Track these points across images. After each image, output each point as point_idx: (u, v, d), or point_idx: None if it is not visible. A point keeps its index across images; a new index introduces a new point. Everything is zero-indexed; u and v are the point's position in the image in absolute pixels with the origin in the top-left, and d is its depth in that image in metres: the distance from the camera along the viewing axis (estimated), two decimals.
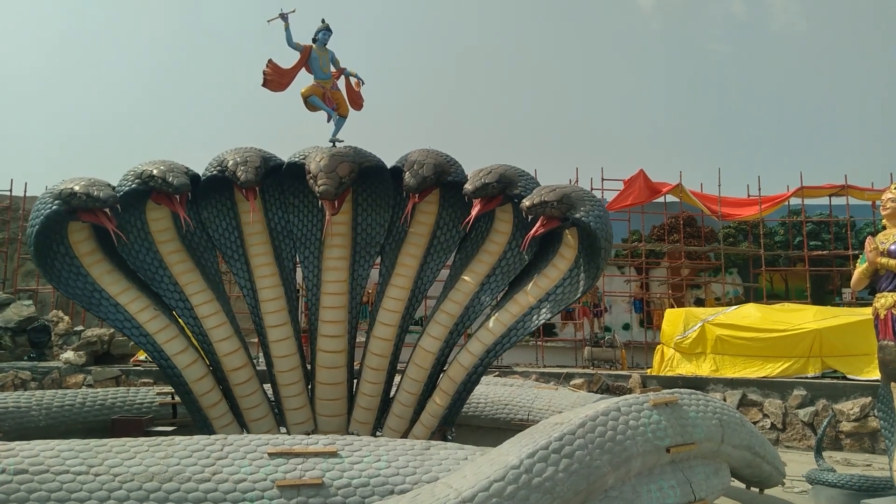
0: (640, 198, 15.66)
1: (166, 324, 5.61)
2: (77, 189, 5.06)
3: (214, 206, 5.96)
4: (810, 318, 10.35)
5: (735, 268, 18.02)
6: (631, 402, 3.69)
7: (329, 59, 6.17)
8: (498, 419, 7.09)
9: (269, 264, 5.89)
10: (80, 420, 6.40)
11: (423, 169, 5.37)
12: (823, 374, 9.74)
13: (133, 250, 5.74)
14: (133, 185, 5.37)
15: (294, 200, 5.99)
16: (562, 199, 5.04)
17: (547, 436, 3.28)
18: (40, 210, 5.18)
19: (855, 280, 5.05)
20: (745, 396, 9.60)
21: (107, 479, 3.13)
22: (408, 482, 3.29)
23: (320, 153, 5.37)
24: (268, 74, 6.03)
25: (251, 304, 5.92)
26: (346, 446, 3.48)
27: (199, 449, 3.36)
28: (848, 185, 15.87)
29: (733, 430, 4.24)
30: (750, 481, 5.12)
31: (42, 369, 10.90)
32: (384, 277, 5.95)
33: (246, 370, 5.85)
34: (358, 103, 6.46)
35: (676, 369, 11.05)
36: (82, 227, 5.49)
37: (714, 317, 11.12)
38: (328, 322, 5.81)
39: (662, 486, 3.58)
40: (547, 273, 5.49)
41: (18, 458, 3.17)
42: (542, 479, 3.06)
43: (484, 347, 5.55)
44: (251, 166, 5.36)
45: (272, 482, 3.19)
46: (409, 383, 5.85)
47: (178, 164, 5.45)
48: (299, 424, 5.88)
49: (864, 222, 17.18)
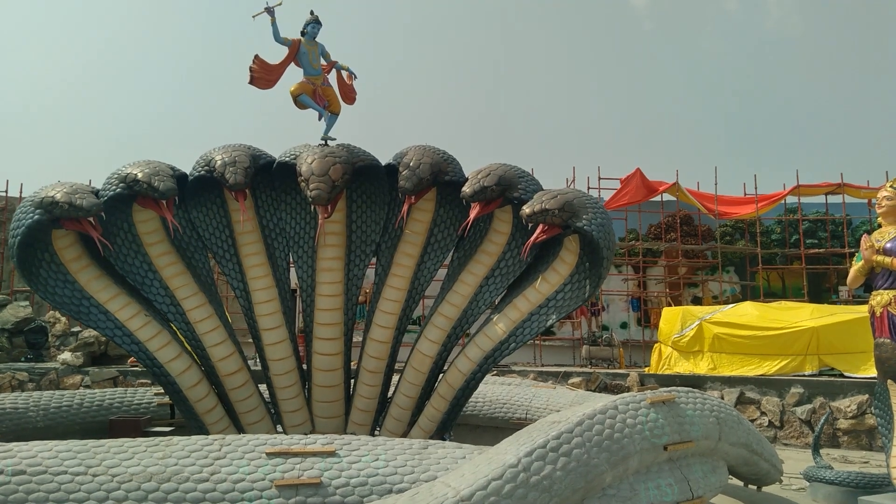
0: (636, 196, 15.68)
1: (158, 330, 5.43)
2: (58, 197, 4.85)
3: (203, 206, 5.72)
4: (807, 316, 10.38)
5: (732, 266, 18.06)
6: (628, 401, 3.70)
7: (319, 53, 5.87)
8: (496, 418, 7.09)
9: (262, 265, 5.71)
10: (77, 421, 6.37)
11: (420, 170, 5.18)
12: (821, 372, 9.78)
13: (121, 254, 5.52)
14: (117, 190, 5.14)
15: (286, 198, 5.79)
16: (563, 207, 4.85)
17: (545, 434, 3.28)
18: (21, 220, 4.96)
19: (851, 278, 5.07)
20: (742, 394, 9.63)
21: (105, 480, 3.12)
22: (406, 481, 3.29)
23: (311, 154, 5.15)
24: (255, 71, 5.71)
25: (245, 307, 5.78)
26: (344, 446, 3.48)
27: (198, 449, 3.35)
28: (844, 184, 15.93)
29: (731, 428, 4.25)
30: (748, 479, 5.13)
31: (39, 370, 10.87)
32: (380, 277, 5.81)
33: (241, 374, 5.73)
34: (350, 97, 6.17)
35: (674, 368, 11.07)
36: (67, 233, 5.26)
37: (711, 315, 11.14)
38: (323, 324, 5.69)
39: (660, 485, 3.59)
40: (547, 277, 5.33)
41: (16, 459, 3.16)
42: (541, 477, 3.07)
43: (483, 353, 5.43)
44: (240, 167, 5.13)
45: (270, 482, 3.19)
46: (407, 387, 5.76)
47: (163, 166, 5.22)
48: (296, 427, 5.81)
49: (861, 220, 17.23)
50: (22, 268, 5.20)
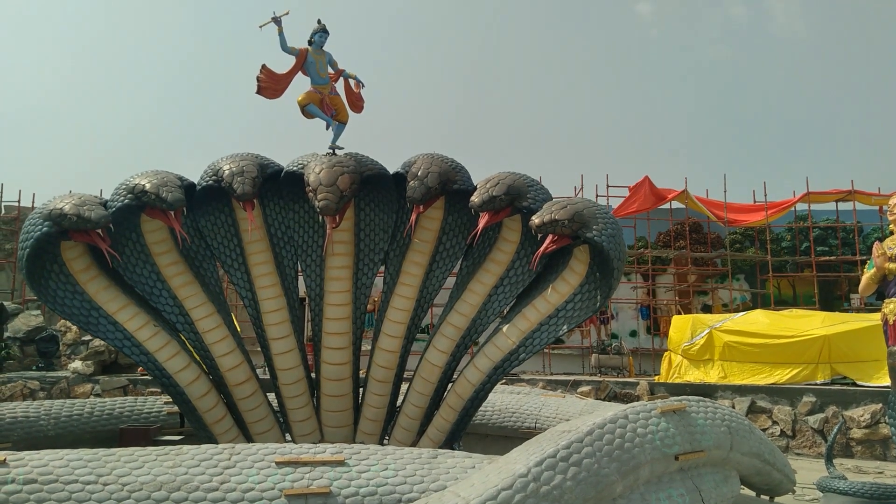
0: (645, 204, 15.66)
1: (167, 340, 5.40)
2: (67, 209, 4.85)
3: (212, 215, 5.72)
4: (818, 324, 10.30)
5: (742, 274, 17.96)
6: (639, 410, 3.67)
7: (326, 62, 5.83)
8: (505, 427, 7.05)
9: (270, 273, 5.70)
10: (88, 429, 6.40)
11: (428, 179, 5.14)
12: (833, 381, 9.69)
13: (129, 264, 5.51)
14: (125, 201, 5.13)
15: (294, 207, 5.79)
16: (573, 218, 4.78)
17: (554, 444, 3.27)
18: (30, 232, 4.96)
19: (863, 285, 5.04)
20: (753, 403, 9.55)
21: (115, 489, 3.14)
22: (415, 491, 3.27)
23: (319, 164, 5.14)
24: (262, 81, 5.67)
25: (253, 316, 5.77)
26: (354, 455, 3.48)
27: (207, 458, 3.36)
28: (855, 191, 15.84)
29: (742, 438, 4.21)
30: (760, 489, 5.08)
31: (50, 379, 10.94)
32: (388, 286, 5.79)
33: (250, 384, 5.72)
34: (358, 105, 6.12)
35: (684, 376, 11.00)
36: (75, 244, 5.26)
37: (721, 323, 11.07)
38: (332, 333, 5.68)
39: (671, 495, 3.56)
40: (557, 287, 5.28)
41: (27, 467, 3.18)
42: (550, 487, 3.05)
43: (492, 364, 5.39)
44: (248, 177, 5.10)
45: (280, 491, 3.19)
46: (416, 397, 5.73)
47: (171, 176, 5.22)
48: (305, 436, 5.79)
49: (872, 227, 17.12)
50: (31, 279, 5.20)
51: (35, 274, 5.20)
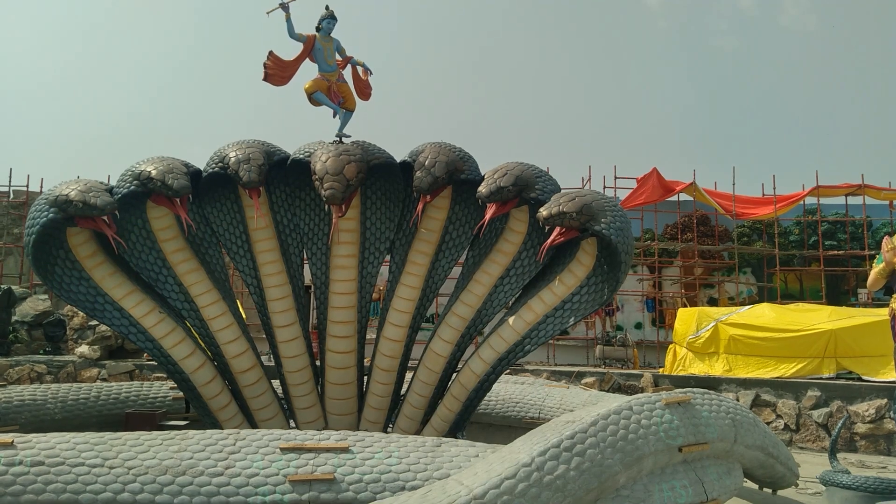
0: (653, 196, 15.57)
1: (173, 327, 5.41)
2: (73, 196, 4.82)
3: (218, 202, 5.71)
4: (825, 319, 10.25)
5: (749, 267, 17.88)
6: (643, 402, 3.67)
7: (334, 49, 5.77)
8: (509, 417, 7.07)
9: (275, 261, 5.70)
10: (94, 413, 6.46)
11: (435, 168, 5.10)
12: (838, 375, 9.65)
13: (135, 251, 5.51)
14: (131, 188, 5.13)
15: (301, 195, 5.77)
16: (581, 210, 4.74)
17: (559, 434, 3.27)
18: (36, 218, 4.95)
19: (871, 280, 5.01)
20: (758, 397, 9.53)
21: (121, 472, 3.17)
22: (419, 479, 3.29)
23: (326, 152, 5.11)
24: (269, 68, 5.60)
25: (258, 303, 5.78)
26: (358, 442, 3.50)
27: (212, 443, 3.38)
28: (864, 185, 15.70)
29: (746, 431, 4.21)
30: (763, 482, 5.08)
31: (57, 363, 11.02)
32: (394, 275, 5.79)
33: (255, 371, 5.74)
34: (365, 93, 6.05)
35: (689, 369, 10.99)
36: (81, 231, 5.25)
37: (727, 316, 11.03)
38: (337, 322, 5.69)
39: (674, 486, 3.56)
40: (563, 279, 5.24)
41: (35, 450, 3.21)
42: (554, 477, 3.06)
43: (496, 355, 5.38)
44: (254, 164, 5.07)
45: (284, 477, 3.21)
46: (420, 386, 5.74)
47: (176, 163, 5.19)
48: (309, 423, 5.82)
49: (881, 222, 16.99)
50: (37, 265, 5.20)
51: (41, 260, 5.20)
